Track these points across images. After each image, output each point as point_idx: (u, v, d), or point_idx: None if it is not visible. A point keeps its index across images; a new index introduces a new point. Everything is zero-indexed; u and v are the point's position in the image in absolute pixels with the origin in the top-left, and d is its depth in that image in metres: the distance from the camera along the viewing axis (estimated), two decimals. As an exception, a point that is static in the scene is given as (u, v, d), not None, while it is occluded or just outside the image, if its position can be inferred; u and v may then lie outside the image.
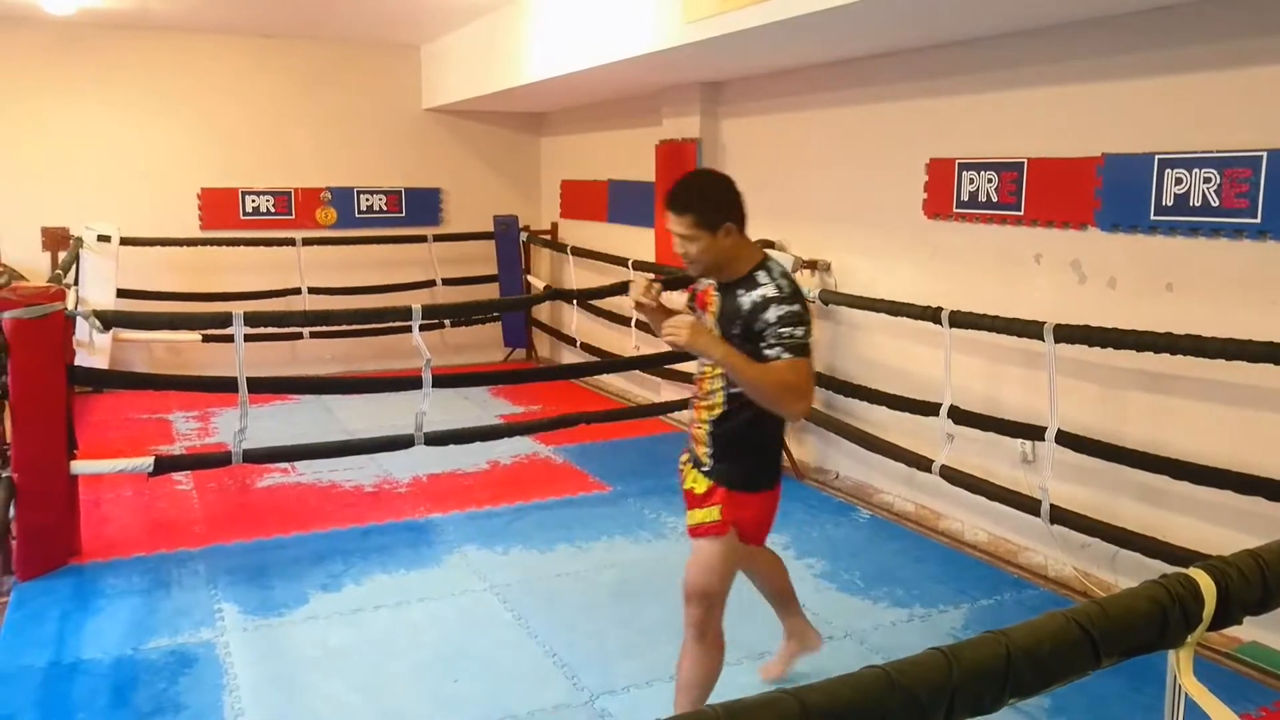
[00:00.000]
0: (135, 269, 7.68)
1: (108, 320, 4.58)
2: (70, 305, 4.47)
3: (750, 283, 2.65)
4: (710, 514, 2.77)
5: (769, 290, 2.61)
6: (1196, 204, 3.69)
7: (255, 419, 4.71)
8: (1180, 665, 1.31)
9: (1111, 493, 4.06)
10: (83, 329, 6.09)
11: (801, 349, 2.56)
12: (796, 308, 2.59)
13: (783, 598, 3.31)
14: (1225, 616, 1.32)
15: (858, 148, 5.44)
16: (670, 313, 2.81)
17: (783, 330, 2.55)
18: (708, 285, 2.81)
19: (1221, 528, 3.67)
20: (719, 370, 2.69)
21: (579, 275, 8.24)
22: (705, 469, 2.79)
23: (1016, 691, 1.17)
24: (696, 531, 2.82)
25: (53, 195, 7.76)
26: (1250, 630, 3.52)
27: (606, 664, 3.47)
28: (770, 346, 2.56)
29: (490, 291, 8.90)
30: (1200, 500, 3.72)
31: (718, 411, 2.74)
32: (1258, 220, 3.50)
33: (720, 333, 2.68)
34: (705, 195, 2.67)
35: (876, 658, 3.51)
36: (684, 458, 2.92)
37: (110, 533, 4.73)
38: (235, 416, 4.54)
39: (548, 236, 9.08)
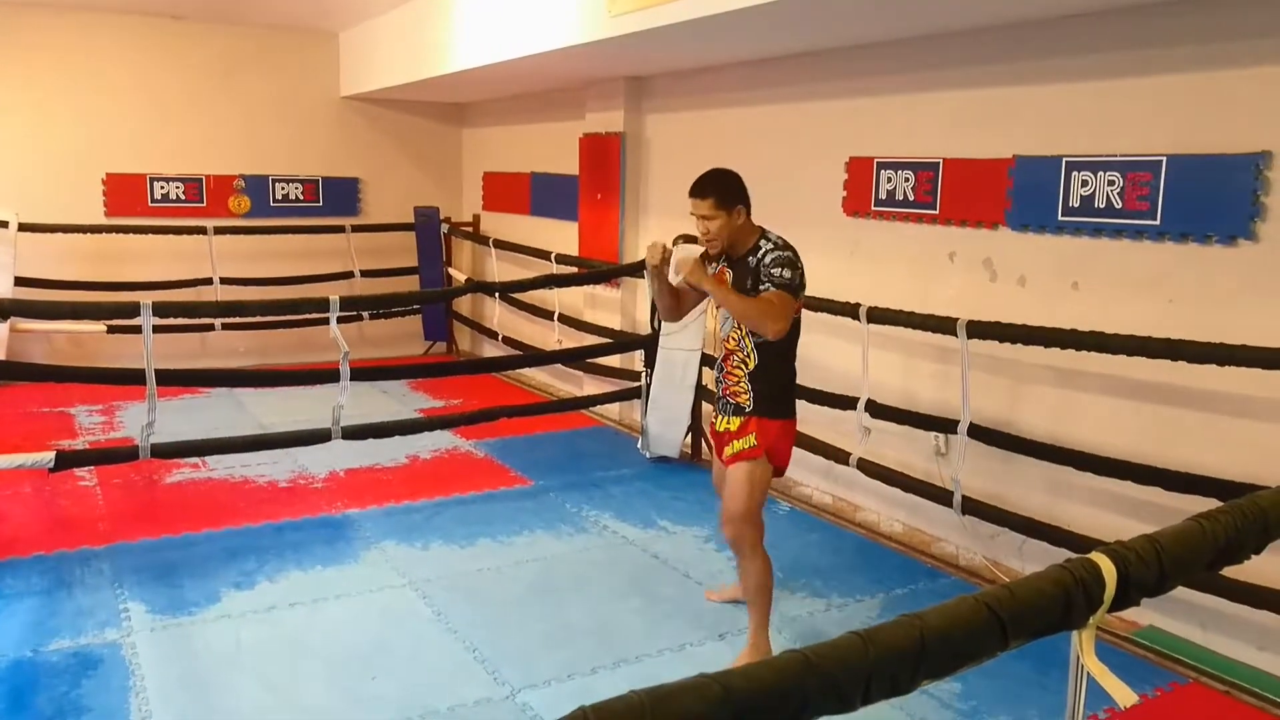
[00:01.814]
0: (35, 257, 7.37)
1: (5, 309, 4.42)
2: (-36, 293, 4.28)
3: (755, 250, 3.28)
4: (746, 441, 3.32)
5: (768, 247, 3.25)
6: (1101, 205, 3.84)
7: (164, 413, 4.56)
8: (1083, 645, 1.36)
9: (1020, 484, 4.20)
10: (-23, 318, 5.82)
11: (785, 286, 3.16)
12: (788, 254, 3.22)
13: None
14: (1125, 598, 1.37)
15: (780, 145, 5.50)
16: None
17: (774, 270, 3.18)
18: (721, 267, 3.37)
19: (1123, 517, 3.82)
20: (743, 333, 3.29)
21: (501, 268, 8.17)
22: (747, 411, 3.33)
23: (930, 673, 1.20)
24: (734, 459, 3.34)
25: (-55, 178, 7.40)
26: (1148, 615, 3.67)
27: (528, 658, 3.45)
28: (762, 283, 3.19)
29: (410, 284, 8.77)
30: (1103, 490, 3.87)
31: (752, 363, 3.30)
32: (1157, 222, 3.65)
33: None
34: (721, 183, 3.30)
35: (796, 646, 3.58)
36: (716, 418, 3.48)
37: (8, 531, 4.53)
38: (142, 410, 4.38)
39: (470, 229, 8.99)
